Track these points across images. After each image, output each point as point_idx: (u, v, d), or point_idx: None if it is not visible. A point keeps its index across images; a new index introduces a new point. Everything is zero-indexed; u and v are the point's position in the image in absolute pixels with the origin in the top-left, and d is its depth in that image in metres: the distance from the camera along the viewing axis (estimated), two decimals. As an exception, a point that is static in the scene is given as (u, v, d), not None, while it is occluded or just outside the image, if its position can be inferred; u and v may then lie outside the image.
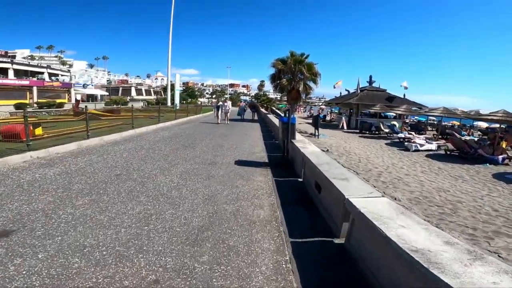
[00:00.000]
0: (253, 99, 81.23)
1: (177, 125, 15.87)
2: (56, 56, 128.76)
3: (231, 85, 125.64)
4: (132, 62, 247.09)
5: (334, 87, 30.04)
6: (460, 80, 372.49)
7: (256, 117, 24.59)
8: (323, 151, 10.40)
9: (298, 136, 8.18)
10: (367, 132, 21.56)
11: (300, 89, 19.84)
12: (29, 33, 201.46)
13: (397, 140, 17.33)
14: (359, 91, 25.64)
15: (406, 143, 14.20)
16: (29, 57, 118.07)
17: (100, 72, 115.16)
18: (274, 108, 48.82)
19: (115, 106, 34.47)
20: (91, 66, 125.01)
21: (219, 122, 17.30)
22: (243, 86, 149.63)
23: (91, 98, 41.50)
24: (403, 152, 13.24)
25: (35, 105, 26.99)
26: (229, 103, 19.72)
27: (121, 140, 9.82)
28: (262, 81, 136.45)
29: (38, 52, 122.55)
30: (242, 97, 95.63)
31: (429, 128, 26.58)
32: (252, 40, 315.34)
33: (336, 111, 40.21)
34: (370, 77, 28.59)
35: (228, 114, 18.25)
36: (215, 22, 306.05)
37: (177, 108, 26.82)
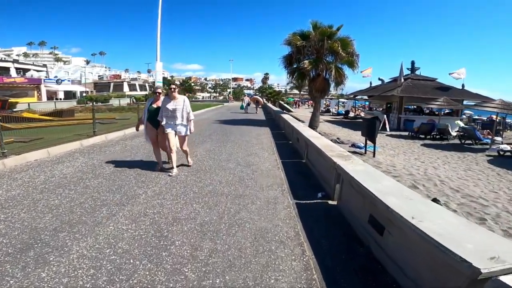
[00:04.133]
0: (257, 93, 74.81)
1: (132, 137, 9.42)
2: (50, 53, 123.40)
3: (234, 79, 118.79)
4: (134, 58, 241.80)
5: (363, 76, 23.30)
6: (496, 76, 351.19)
7: (258, 112, 23.89)
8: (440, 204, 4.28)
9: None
10: (426, 137, 14.89)
11: (331, 75, 13.07)
12: (32, 31, 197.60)
13: (498, 153, 10.65)
14: (402, 80, 18.87)
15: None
16: (23, 54, 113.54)
17: (97, 68, 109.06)
18: (282, 103, 42.06)
19: (91, 104, 28.36)
20: (87, 62, 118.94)
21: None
22: (247, 80, 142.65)
23: (69, 95, 35.33)
24: None
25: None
26: (180, 99, 4.94)
27: None
28: (266, 74, 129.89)
29: (30, 48, 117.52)
30: (246, 91, 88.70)
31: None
32: (256, 33, 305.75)
33: (358, 105, 33.29)
34: (412, 62, 21.84)
35: (186, 141, 5.23)
36: (219, 16, 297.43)
37: (159, 106, 20.38)
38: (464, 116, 21.31)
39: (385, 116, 17.76)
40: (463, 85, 19.87)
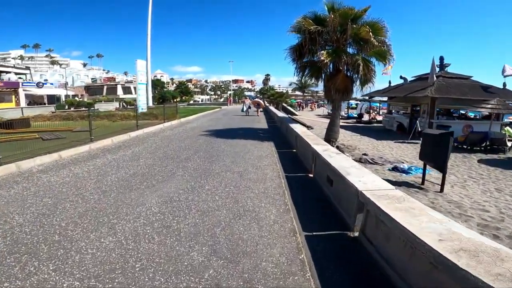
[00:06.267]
0: (258, 94, 72.11)
1: (64, 165, 6.24)
2: (46, 56, 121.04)
3: (235, 81, 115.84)
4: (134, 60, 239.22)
5: (383, 73, 20.10)
6: None
7: (259, 115, 22.92)
8: None
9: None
10: (473, 148, 11.61)
11: (358, 70, 9.75)
12: (32, 35, 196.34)
13: None
14: (435, 78, 15.66)
15: None
16: (19, 57, 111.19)
17: (95, 71, 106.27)
18: (286, 105, 39.06)
19: (71, 109, 25.53)
20: (84, 64, 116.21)
21: None
22: (248, 81, 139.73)
23: (53, 99, 32.23)
24: None
25: None
26: None
27: None
28: (267, 75, 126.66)
29: (25, 51, 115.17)
30: (247, 93, 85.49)
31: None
32: (257, 34, 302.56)
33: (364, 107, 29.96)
34: (441, 58, 18.52)
35: None
36: (219, 17, 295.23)
37: (142, 110, 17.23)
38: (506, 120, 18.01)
39: (417, 121, 14.54)
40: (504, 84, 16.61)
